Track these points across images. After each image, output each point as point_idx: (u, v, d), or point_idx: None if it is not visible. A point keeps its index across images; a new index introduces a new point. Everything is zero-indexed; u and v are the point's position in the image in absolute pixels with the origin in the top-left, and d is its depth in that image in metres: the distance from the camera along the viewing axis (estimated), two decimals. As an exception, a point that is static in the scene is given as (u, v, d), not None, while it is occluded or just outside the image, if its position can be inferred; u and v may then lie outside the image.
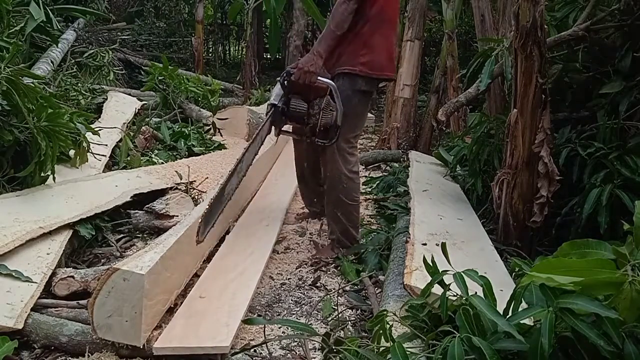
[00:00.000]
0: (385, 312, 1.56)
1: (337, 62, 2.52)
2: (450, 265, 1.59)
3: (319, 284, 2.43)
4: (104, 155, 3.41)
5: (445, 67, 5.14)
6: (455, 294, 1.50)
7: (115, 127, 3.91)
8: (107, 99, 4.76)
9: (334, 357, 1.56)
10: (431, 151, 4.74)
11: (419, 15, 5.11)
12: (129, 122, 4.35)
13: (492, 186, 2.69)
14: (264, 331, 1.94)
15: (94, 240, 2.60)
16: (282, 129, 2.67)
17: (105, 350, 1.76)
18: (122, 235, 2.79)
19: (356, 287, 2.39)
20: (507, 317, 1.37)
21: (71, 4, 6.24)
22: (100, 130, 3.30)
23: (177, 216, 2.84)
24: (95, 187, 2.87)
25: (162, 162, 3.77)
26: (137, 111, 4.81)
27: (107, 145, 3.53)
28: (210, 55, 11.59)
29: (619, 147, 2.49)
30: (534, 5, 2.29)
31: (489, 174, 3.05)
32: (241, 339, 1.92)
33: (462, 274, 1.50)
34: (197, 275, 2.30)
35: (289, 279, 2.49)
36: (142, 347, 1.73)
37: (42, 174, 2.64)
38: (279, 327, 2.02)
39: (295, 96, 2.55)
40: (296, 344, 1.91)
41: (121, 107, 4.67)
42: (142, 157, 3.81)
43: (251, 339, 1.92)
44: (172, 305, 2.01)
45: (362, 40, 2.47)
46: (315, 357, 1.82)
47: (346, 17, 2.40)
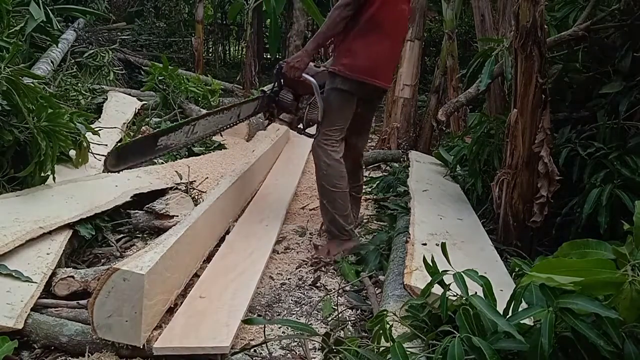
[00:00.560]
0: (385, 312, 1.56)
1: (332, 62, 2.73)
2: (450, 265, 1.59)
3: (319, 284, 2.43)
4: (104, 155, 3.40)
5: (445, 67, 5.14)
6: (455, 294, 1.49)
7: (115, 127, 3.92)
8: (107, 99, 4.76)
9: (334, 357, 1.56)
10: (431, 151, 4.74)
11: (419, 15, 5.11)
12: (129, 122, 4.36)
13: (492, 186, 2.69)
14: (264, 331, 1.94)
15: (94, 240, 2.59)
16: (279, 117, 2.98)
17: (105, 350, 1.75)
18: (122, 235, 2.79)
19: (356, 287, 2.39)
20: (507, 317, 1.37)
21: (71, 4, 6.26)
22: (100, 130, 3.30)
23: (177, 216, 2.84)
24: (95, 187, 2.86)
25: (162, 162, 3.77)
26: (137, 111, 4.82)
27: (107, 145, 3.51)
28: (210, 55, 11.60)
29: (619, 147, 2.50)
30: (534, 5, 2.29)
31: (489, 174, 3.05)
32: (241, 339, 1.92)
33: (462, 274, 1.50)
34: (197, 275, 2.30)
35: (289, 279, 2.49)
36: (142, 347, 1.73)
37: (42, 174, 2.64)
38: (279, 327, 2.02)
39: (286, 88, 2.89)
40: (296, 344, 1.91)
41: (121, 107, 4.67)
42: (142, 157, 3.81)
43: (251, 339, 1.92)
44: (172, 305, 2.01)
45: (347, 44, 2.61)
46: (315, 357, 1.82)
47: (338, 22, 2.54)
